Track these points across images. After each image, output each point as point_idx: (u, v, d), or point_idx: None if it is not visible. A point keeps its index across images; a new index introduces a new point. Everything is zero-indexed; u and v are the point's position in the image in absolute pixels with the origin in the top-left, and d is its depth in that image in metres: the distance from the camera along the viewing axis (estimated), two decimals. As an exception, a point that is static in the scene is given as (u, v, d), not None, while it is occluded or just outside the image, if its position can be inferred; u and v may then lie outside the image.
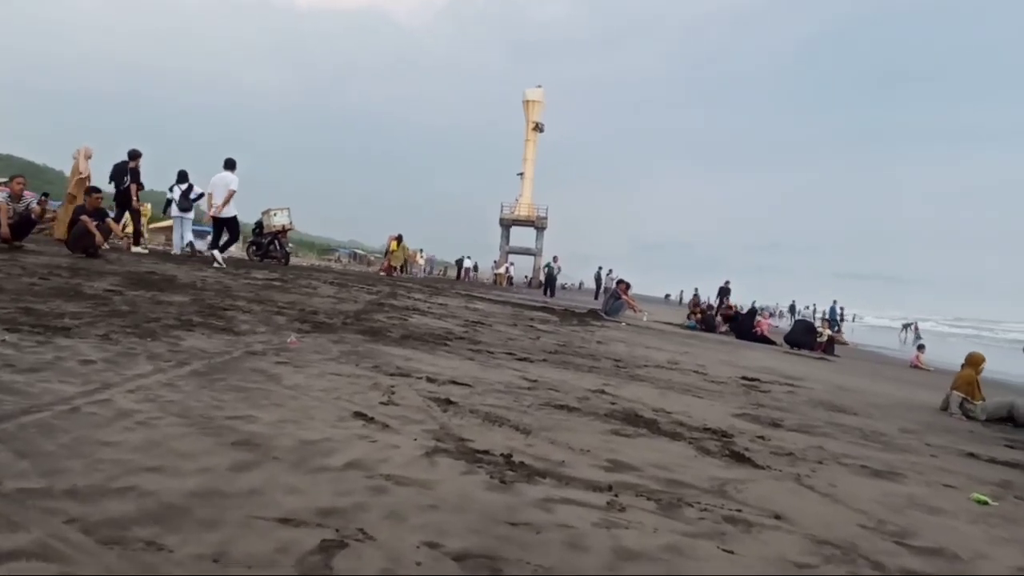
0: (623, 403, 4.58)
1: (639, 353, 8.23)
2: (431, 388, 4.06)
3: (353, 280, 14.53)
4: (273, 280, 9.90)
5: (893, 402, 7.48)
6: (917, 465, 4.11)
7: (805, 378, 8.43)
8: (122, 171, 13.42)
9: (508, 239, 57.64)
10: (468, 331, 7.34)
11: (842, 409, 6.12)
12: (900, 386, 10.05)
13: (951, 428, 6.05)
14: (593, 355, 7.16)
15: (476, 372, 4.86)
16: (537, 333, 8.49)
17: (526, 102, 57.66)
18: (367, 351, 4.97)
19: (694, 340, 12.96)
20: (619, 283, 17.89)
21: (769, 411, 5.29)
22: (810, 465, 3.67)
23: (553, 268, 33.01)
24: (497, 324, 8.81)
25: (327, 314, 6.68)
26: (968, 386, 6.98)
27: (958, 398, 6.94)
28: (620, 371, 6.23)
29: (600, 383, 5.29)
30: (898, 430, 5.43)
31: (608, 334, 10.47)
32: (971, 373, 7.08)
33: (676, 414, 4.51)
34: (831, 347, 16.22)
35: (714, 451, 3.63)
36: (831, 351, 15.94)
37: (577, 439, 3.43)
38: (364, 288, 11.74)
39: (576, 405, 4.24)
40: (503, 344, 6.78)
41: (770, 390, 6.64)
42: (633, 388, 5.33)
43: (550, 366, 5.80)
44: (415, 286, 16.38)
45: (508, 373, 5.05)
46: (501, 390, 4.36)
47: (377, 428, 3.07)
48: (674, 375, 6.64)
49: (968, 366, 7.25)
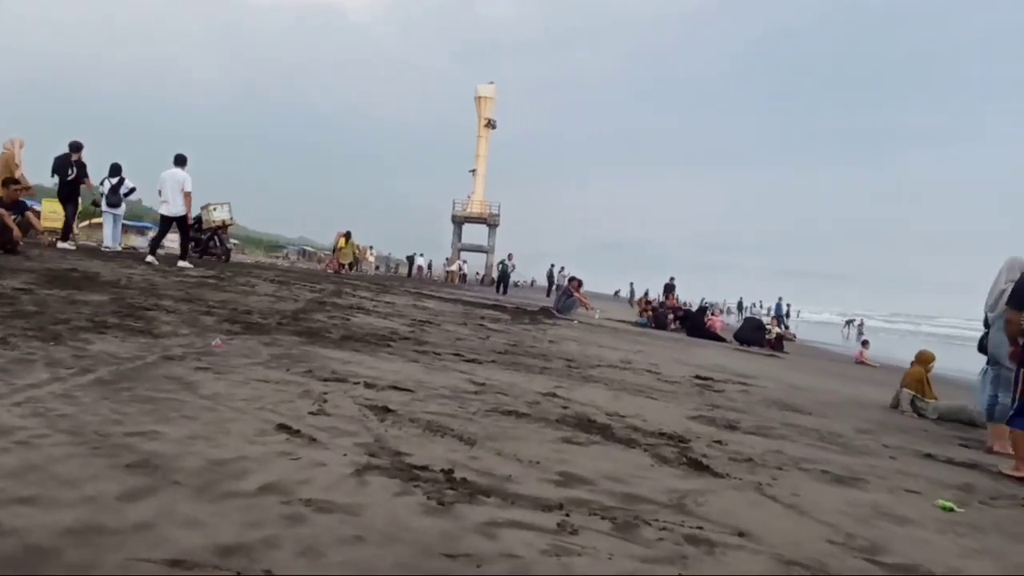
0: (575, 407, 4.34)
1: (592, 352, 8.03)
2: (368, 395, 3.74)
3: (297, 278, 14.00)
4: (208, 278, 9.37)
5: (844, 400, 7.45)
6: (877, 469, 3.97)
7: (757, 376, 8.36)
8: (65, 164, 12.72)
9: (460, 236, 57.19)
10: (414, 331, 7.02)
11: (796, 408, 6.02)
12: (848, 383, 10.12)
13: (905, 427, 6.00)
14: (545, 355, 6.92)
15: (420, 375, 4.55)
16: (487, 332, 8.21)
17: (478, 98, 57.27)
18: (301, 354, 4.62)
19: (646, 338, 12.88)
20: (571, 280, 17.75)
21: (724, 412, 5.13)
22: (770, 472, 3.49)
23: (507, 265, 32.80)
24: (446, 323, 8.49)
25: (262, 314, 6.27)
26: (918, 384, 6.98)
27: (908, 396, 6.94)
28: (572, 372, 6.00)
29: (552, 385, 5.05)
30: (854, 430, 5.33)
31: (560, 333, 10.27)
32: (921, 371, 7.10)
33: (630, 418, 4.29)
34: (780, 344, 16.40)
35: (671, 459, 3.41)
36: (780, 348, 16.11)
37: (526, 449, 3.17)
38: (307, 286, 11.26)
39: (526, 410, 3.98)
40: (451, 344, 6.47)
41: (724, 389, 6.51)
42: (586, 390, 5.10)
43: (499, 368, 5.52)
44: (363, 284, 15.91)
45: (454, 376, 4.76)
46: (446, 395, 4.07)
47: (302, 443, 2.74)
48: (627, 375, 6.45)
49: (918, 363, 7.27)
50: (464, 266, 50.82)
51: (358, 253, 43.23)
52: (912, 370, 7.19)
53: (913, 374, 7.09)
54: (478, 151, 57.76)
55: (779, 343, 16.43)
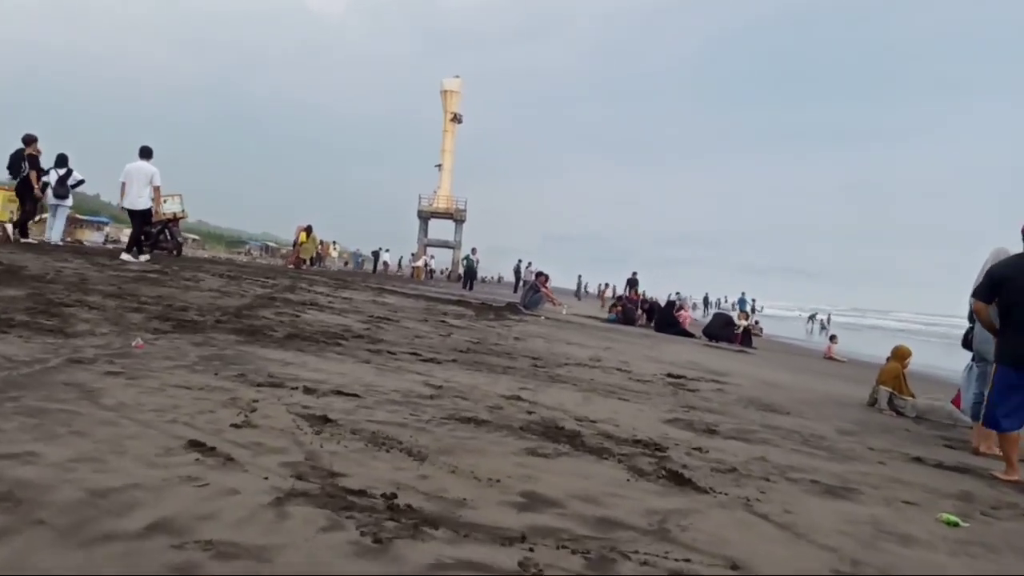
0: (542, 411, 3.94)
1: (559, 350, 7.65)
2: (307, 402, 3.29)
3: (251, 273, 13.37)
4: (150, 272, 8.76)
5: (820, 398, 7.20)
6: (869, 476, 3.65)
7: (730, 373, 8.08)
8: (19, 159, 12.18)
9: (427, 232, 56.47)
10: (370, 328, 6.55)
11: (774, 408, 5.72)
12: (821, 379, 9.92)
13: (886, 427, 5.74)
14: (510, 353, 6.51)
15: (370, 378, 4.11)
16: (449, 329, 7.77)
17: (444, 92, 56.51)
18: (236, 355, 4.13)
19: (615, 334, 12.56)
20: (538, 275, 17.36)
21: (701, 414, 4.79)
22: (757, 484, 3.14)
23: (472, 260, 32.30)
24: (405, 320, 8.03)
25: (200, 310, 5.74)
26: (895, 380, 6.75)
27: (886, 393, 6.70)
28: (539, 372, 5.61)
29: (516, 387, 4.64)
30: (836, 431, 5.04)
31: (526, 329, 9.87)
32: (898, 367, 6.87)
33: (602, 423, 3.91)
34: (748, 339, 16.26)
35: (648, 471, 3.03)
36: (749, 343, 15.96)
37: (485, 464, 2.76)
38: (259, 281, 10.68)
39: (487, 417, 3.57)
40: (408, 343, 6.03)
41: (698, 389, 6.19)
42: (553, 392, 4.71)
43: (460, 368, 5.10)
44: (322, 279, 15.31)
45: (409, 378, 4.32)
46: (397, 400, 3.63)
47: (215, 464, 2.29)
48: (597, 374, 6.08)
49: (894, 360, 7.03)
50: (431, 262, 50.19)
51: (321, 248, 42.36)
52: (888, 366, 6.95)
53: (890, 371, 6.85)
54: (444, 146, 57.06)
55: (747, 337, 16.28)
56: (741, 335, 16.22)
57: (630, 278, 29.25)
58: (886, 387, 6.75)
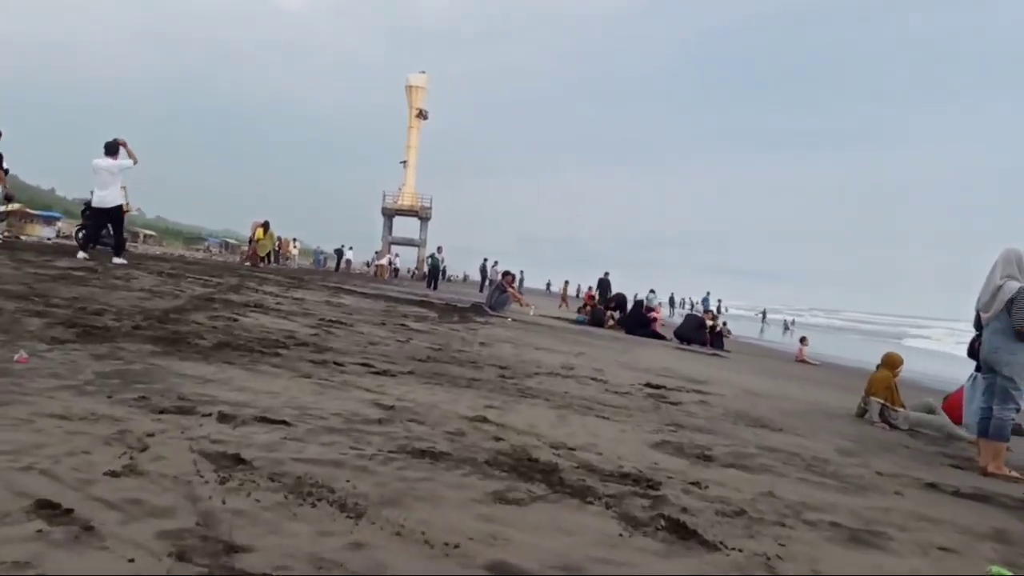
0: (511, 437, 3.35)
1: (529, 357, 7.07)
2: (219, 433, 2.64)
3: (199, 271, 12.51)
4: (77, 269, 7.93)
5: (806, 408, 6.74)
6: (891, 514, 3.14)
7: (709, 381, 7.59)
8: None
9: (391, 229, 55.56)
10: (317, 334, 5.88)
11: (764, 423, 5.22)
12: (799, 385, 9.52)
13: (884, 443, 5.28)
14: (474, 362, 5.90)
15: (307, 398, 3.46)
16: (408, 334, 7.13)
17: (409, 87, 55.62)
18: (145, 371, 3.45)
19: (586, 337, 12.02)
20: (504, 275, 16.77)
21: (690, 434, 4.25)
22: (773, 531, 2.59)
23: (438, 259, 31.57)
24: (360, 323, 7.36)
25: (119, 314, 5.01)
26: (887, 391, 6.32)
27: (878, 405, 6.26)
28: (507, 384, 5.01)
29: (482, 404, 4.04)
30: (836, 451, 4.55)
31: (493, 332, 9.26)
32: (889, 376, 6.44)
33: (582, 450, 3.33)
34: (719, 340, 15.92)
35: (643, 519, 2.46)
36: (720, 345, 15.60)
37: (441, 519, 2.16)
38: (203, 280, 9.87)
39: (446, 448, 2.96)
40: (360, 351, 5.38)
41: (681, 401, 5.66)
42: (524, 410, 4.11)
43: (418, 381, 4.48)
44: (276, 278, 14.48)
45: (356, 396, 3.69)
46: (337, 428, 3.00)
47: (63, 538, 1.65)
48: (571, 386, 5.51)
49: (885, 368, 6.61)
50: (396, 260, 49.29)
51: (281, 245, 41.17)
52: (879, 375, 6.52)
53: (881, 380, 6.42)
54: (409, 142, 56.22)
55: (718, 339, 15.92)
56: (711, 337, 15.85)
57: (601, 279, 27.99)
58: (877, 398, 6.32)
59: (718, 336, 16.20)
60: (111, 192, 10.54)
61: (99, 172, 10.47)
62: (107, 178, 10.48)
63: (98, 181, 10.52)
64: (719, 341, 15.93)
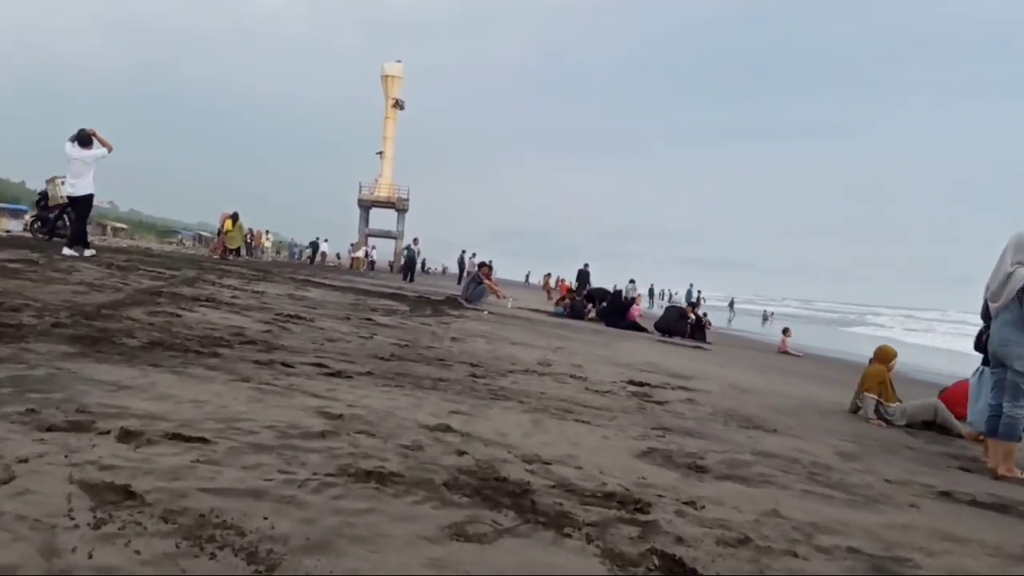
0: (478, 450, 2.90)
1: (503, 352, 6.62)
2: (113, 456, 2.16)
3: (155, 263, 11.88)
4: (13, 261, 7.33)
5: (796, 405, 6.37)
6: (911, 533, 2.74)
7: (694, 376, 7.20)
8: None
9: (368, 221, 54.71)
10: (270, 330, 5.37)
11: (756, 423, 4.83)
12: (785, 379, 9.18)
13: (884, 443, 4.91)
14: (444, 359, 5.44)
15: (238, 407, 2.98)
16: (373, 329, 6.64)
17: (384, 77, 54.64)
18: (47, 376, 2.95)
19: (564, 330, 11.60)
20: (480, 266, 16.32)
21: (679, 439, 3.83)
22: (785, 564, 2.18)
23: (414, 251, 31.01)
24: (323, 318, 6.85)
25: (41, 310, 4.47)
26: (881, 386, 5.96)
27: (872, 401, 5.91)
28: (477, 384, 4.56)
29: (446, 409, 3.59)
30: (836, 455, 4.17)
31: (466, 326, 8.80)
32: (882, 370, 6.08)
33: (559, 464, 2.90)
34: (701, 331, 15.62)
35: (632, 557, 2.03)
36: (702, 337, 15.29)
37: (379, 566, 1.71)
38: (155, 272, 9.26)
39: (397, 467, 2.50)
40: (316, 349, 4.89)
41: (666, 400, 5.25)
42: (495, 415, 3.67)
43: (376, 383, 4.01)
44: (241, 270, 13.87)
45: (299, 403, 3.21)
46: (267, 445, 2.53)
47: None
48: (548, 384, 5.08)
49: (878, 362, 6.25)
50: (373, 252, 48.57)
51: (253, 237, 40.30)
52: (872, 370, 6.17)
53: (874, 375, 6.07)
54: (385, 132, 55.33)
55: (700, 330, 15.61)
56: (692, 328, 15.54)
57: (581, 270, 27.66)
58: (871, 394, 5.96)
59: (701, 328, 15.88)
60: (83, 181, 10.46)
61: (72, 161, 10.39)
62: (81, 167, 10.41)
63: (71, 170, 10.48)
64: (702, 333, 15.62)
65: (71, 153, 10.35)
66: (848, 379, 10.72)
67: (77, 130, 10.53)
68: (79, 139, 10.41)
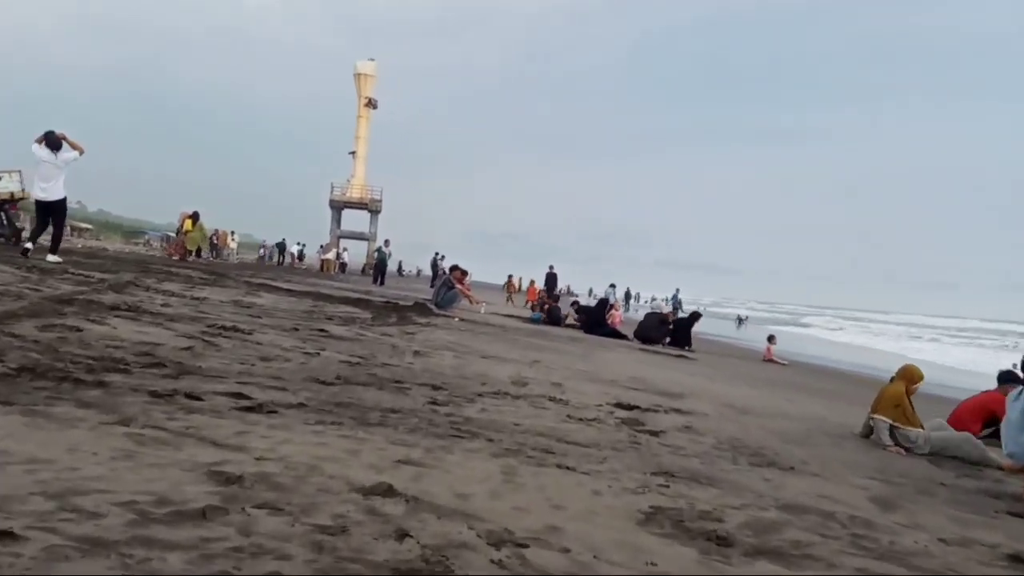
0: (427, 528, 2.11)
1: (473, 369, 5.82)
2: None
3: (94, 266, 10.87)
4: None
5: (801, 427, 5.66)
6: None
7: (684, 394, 6.47)
8: None
9: (339, 222, 53.53)
10: (192, 347, 4.51)
11: (767, 458, 4.10)
12: (781, 393, 8.50)
13: (915, 481, 4.20)
14: (401, 380, 4.63)
15: (93, 469, 2.15)
16: (323, 343, 5.79)
17: (357, 75, 53.50)
18: None
19: (541, 339, 10.82)
20: (452, 269, 15.44)
21: (687, 490, 3.07)
22: None
23: (384, 253, 30.05)
24: (265, 330, 5.98)
25: None
26: (897, 409, 5.27)
27: (885, 426, 5.21)
28: (438, 415, 3.76)
29: (393, 457, 2.79)
30: (870, 501, 3.45)
31: (433, 337, 7.98)
32: (900, 392, 5.38)
33: (538, 545, 2.12)
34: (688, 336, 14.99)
35: None
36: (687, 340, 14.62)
37: None
38: (83, 276, 8.29)
39: (301, 571, 1.69)
40: (241, 371, 4.04)
41: (661, 427, 4.50)
42: (455, 464, 2.87)
43: (306, 420, 3.19)
44: (191, 272, 12.88)
45: (187, 459, 2.38)
46: (106, 540, 1.71)
47: None
48: (523, 411, 4.30)
49: (899, 380, 5.56)
50: (344, 254, 47.43)
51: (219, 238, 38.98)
52: (890, 390, 5.47)
53: (890, 396, 5.37)
54: (358, 132, 54.23)
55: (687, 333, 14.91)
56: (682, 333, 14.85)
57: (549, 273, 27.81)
58: (883, 418, 5.26)
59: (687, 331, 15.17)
60: (55, 185, 10.13)
61: (42, 164, 10.03)
62: (52, 171, 10.07)
63: (41, 173, 10.14)
64: (688, 337, 14.90)
65: (40, 155, 9.88)
66: (841, 391, 10.11)
67: (44, 132, 10.00)
68: (48, 142, 9.93)
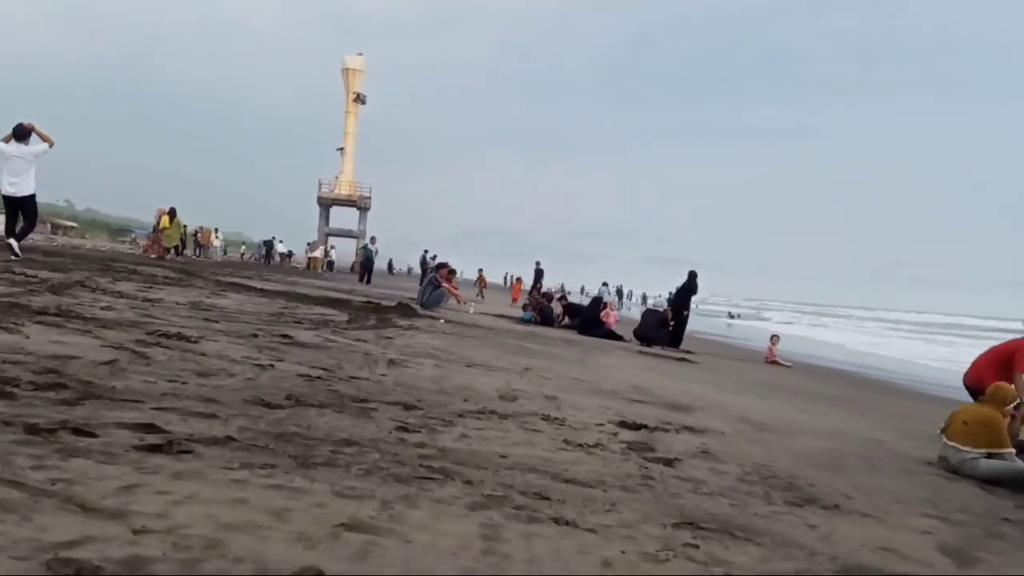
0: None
1: (455, 381, 5.11)
2: None
3: (47, 264, 10.10)
4: None
5: (831, 448, 4.98)
6: None
7: (695, 408, 5.79)
8: None
9: (328, 220, 52.79)
10: (116, 360, 3.76)
11: (804, 492, 3.42)
12: (791, 401, 7.83)
13: (980, 520, 3.52)
14: (367, 399, 3.92)
15: None
16: (283, 352, 5.05)
17: (345, 70, 52.72)
18: None
19: (533, 343, 10.10)
20: (439, 267, 14.73)
21: (720, 550, 2.38)
22: None
23: (371, 250, 29.30)
24: (217, 337, 5.24)
25: None
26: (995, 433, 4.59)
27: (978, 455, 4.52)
28: (405, 447, 3.05)
29: (334, 518, 2.08)
30: (940, 552, 2.77)
31: (413, 342, 7.26)
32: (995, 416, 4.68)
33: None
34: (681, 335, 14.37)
35: None
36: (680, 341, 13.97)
37: None
38: (24, 275, 7.51)
39: None
40: (166, 392, 3.31)
41: (674, 453, 3.82)
42: (418, 524, 2.16)
43: (226, 463, 2.46)
44: (155, 271, 12.09)
45: (25, 539, 1.66)
46: None
47: None
48: (512, 436, 3.59)
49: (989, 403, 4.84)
50: (332, 252, 46.65)
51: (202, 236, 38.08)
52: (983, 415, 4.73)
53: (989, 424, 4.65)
54: (346, 128, 53.47)
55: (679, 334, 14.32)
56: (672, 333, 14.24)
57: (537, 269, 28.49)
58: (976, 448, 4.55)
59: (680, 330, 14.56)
60: (25, 180, 9.90)
61: (11, 159, 9.81)
62: (21, 165, 9.85)
63: (10, 168, 9.89)
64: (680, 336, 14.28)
65: (8, 150, 9.62)
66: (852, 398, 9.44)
67: (12, 128, 9.64)
68: (16, 134, 9.62)
